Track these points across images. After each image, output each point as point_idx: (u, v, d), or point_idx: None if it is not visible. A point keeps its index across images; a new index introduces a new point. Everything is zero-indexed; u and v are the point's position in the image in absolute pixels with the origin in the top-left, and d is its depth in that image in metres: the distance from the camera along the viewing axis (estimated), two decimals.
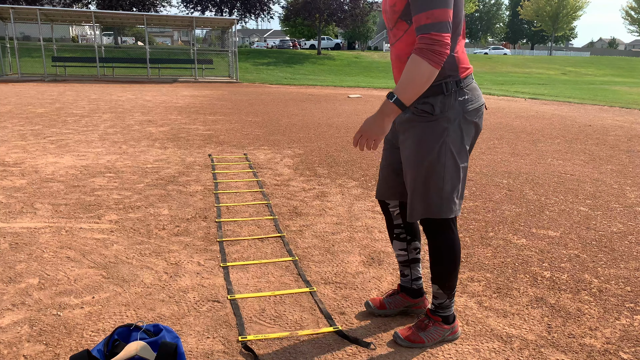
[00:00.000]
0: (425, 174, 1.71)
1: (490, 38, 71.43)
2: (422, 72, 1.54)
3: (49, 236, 2.90)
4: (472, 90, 1.71)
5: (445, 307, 1.90)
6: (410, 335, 1.89)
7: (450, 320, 1.92)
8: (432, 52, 1.52)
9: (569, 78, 29.24)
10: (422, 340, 1.88)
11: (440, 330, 1.90)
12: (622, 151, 6.21)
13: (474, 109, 1.71)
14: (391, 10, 1.67)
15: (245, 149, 5.81)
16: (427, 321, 1.91)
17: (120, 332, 1.59)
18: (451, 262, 1.82)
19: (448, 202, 1.74)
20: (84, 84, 16.11)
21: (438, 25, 1.51)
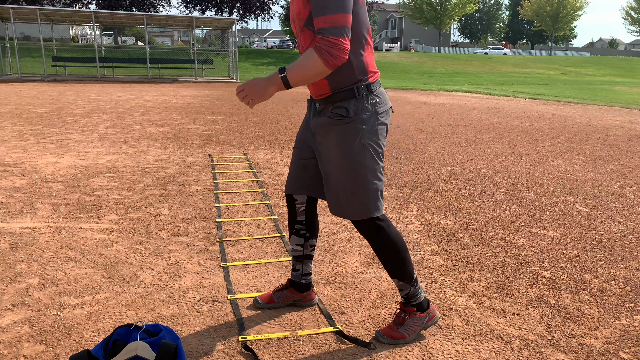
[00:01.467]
0: (350, 176, 1.76)
1: (490, 38, 71.42)
2: (315, 68, 1.60)
3: (49, 236, 2.90)
4: (381, 94, 1.79)
5: (413, 295, 1.92)
6: (390, 332, 1.92)
7: (425, 307, 1.94)
8: (330, 54, 1.58)
9: (569, 78, 29.24)
10: (403, 336, 1.90)
11: (417, 320, 1.93)
12: (622, 151, 6.21)
13: (384, 111, 1.79)
14: (297, 18, 1.72)
15: (245, 149, 5.81)
16: (403, 315, 1.93)
17: (120, 332, 1.59)
18: (398, 253, 1.86)
19: (375, 201, 1.80)
20: (84, 84, 16.11)
21: (336, 30, 1.56)
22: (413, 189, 4.17)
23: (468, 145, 6.39)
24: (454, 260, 2.70)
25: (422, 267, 2.61)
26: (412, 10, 50.57)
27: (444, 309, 2.17)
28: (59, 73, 19.87)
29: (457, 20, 52.57)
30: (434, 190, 4.16)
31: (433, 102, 12.52)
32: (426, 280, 2.45)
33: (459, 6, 49.06)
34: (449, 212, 3.57)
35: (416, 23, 52.49)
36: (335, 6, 1.55)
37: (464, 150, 5.99)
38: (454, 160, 5.42)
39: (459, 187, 4.26)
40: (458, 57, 39.90)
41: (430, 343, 1.91)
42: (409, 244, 2.93)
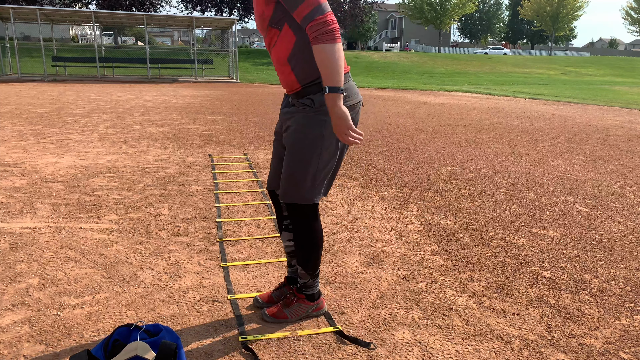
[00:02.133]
0: (301, 160, 1.81)
1: (490, 38, 71.39)
2: (330, 54, 1.62)
3: (49, 236, 2.90)
4: (350, 88, 1.80)
5: (309, 286, 2.04)
6: (276, 312, 2.04)
7: (315, 297, 2.06)
8: (325, 33, 1.61)
9: (569, 78, 29.24)
10: (285, 316, 2.03)
11: (304, 307, 2.05)
12: (622, 151, 6.21)
13: (351, 105, 1.80)
14: (260, 19, 1.77)
15: (245, 149, 5.81)
16: (292, 298, 2.05)
17: (120, 332, 1.59)
18: (313, 246, 1.95)
19: (317, 189, 1.87)
20: (84, 84, 16.11)
21: (318, 9, 1.61)
22: (413, 189, 4.17)
23: (468, 145, 6.39)
24: (454, 260, 2.70)
25: (422, 267, 2.61)
26: (412, 10, 50.56)
27: (444, 309, 2.17)
28: (59, 73, 19.87)
29: (457, 20, 52.56)
30: (434, 190, 4.16)
31: (433, 102, 12.51)
32: (426, 280, 2.45)
33: (459, 6, 49.05)
34: (449, 212, 3.57)
35: (416, 23, 52.49)
36: None
37: (464, 150, 5.99)
38: (454, 160, 5.42)
39: (459, 187, 4.26)
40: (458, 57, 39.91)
41: (430, 343, 1.91)
42: (409, 244, 2.94)
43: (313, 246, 1.95)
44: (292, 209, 1.91)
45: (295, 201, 1.87)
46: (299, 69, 1.75)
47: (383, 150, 5.86)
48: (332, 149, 1.83)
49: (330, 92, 1.65)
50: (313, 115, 1.78)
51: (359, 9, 37.06)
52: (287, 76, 1.79)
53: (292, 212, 1.91)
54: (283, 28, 1.73)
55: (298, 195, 1.86)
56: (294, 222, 1.93)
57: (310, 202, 1.87)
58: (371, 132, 7.24)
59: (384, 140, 6.60)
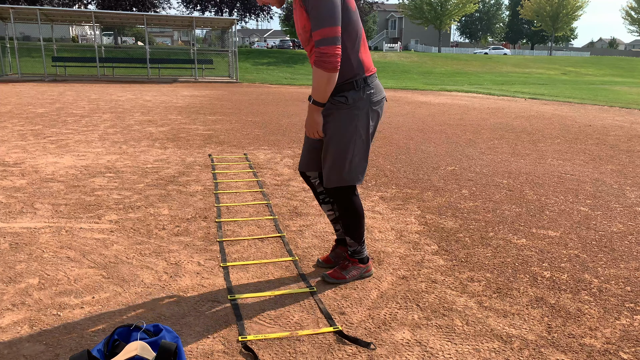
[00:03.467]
0: (341, 150, 2.16)
1: (490, 38, 71.39)
2: (322, 78, 1.98)
3: (49, 236, 2.90)
4: (375, 87, 2.18)
5: (359, 252, 2.39)
6: (334, 273, 2.38)
7: (365, 261, 2.43)
8: (324, 62, 1.94)
9: (569, 78, 29.24)
10: (343, 277, 2.37)
11: (357, 269, 2.40)
12: (622, 151, 6.21)
13: (377, 100, 2.18)
14: (303, 31, 2.07)
15: (245, 149, 5.81)
16: (347, 263, 2.41)
17: (120, 332, 1.59)
18: (357, 218, 2.30)
19: (356, 173, 2.22)
20: (84, 84, 16.11)
21: (326, 41, 1.92)
22: (413, 189, 4.17)
23: (468, 145, 6.39)
24: (454, 260, 2.70)
25: (422, 267, 2.61)
26: (412, 10, 50.55)
27: (444, 309, 2.17)
28: (59, 73, 19.87)
29: (457, 20, 52.55)
30: (434, 190, 4.16)
31: (433, 102, 12.52)
32: (426, 280, 2.45)
33: (459, 6, 49.04)
34: (449, 212, 3.57)
35: (416, 23, 52.48)
36: (325, 21, 1.90)
37: (464, 150, 5.99)
38: (454, 160, 5.42)
39: (459, 187, 4.26)
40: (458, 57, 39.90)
41: (430, 343, 1.91)
42: (409, 244, 2.94)
43: (357, 219, 2.30)
44: (336, 191, 2.24)
45: (338, 184, 2.20)
46: None
47: (383, 150, 5.86)
48: (364, 138, 2.18)
49: (314, 103, 2.05)
50: (348, 110, 2.13)
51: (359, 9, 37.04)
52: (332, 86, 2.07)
53: (337, 193, 2.24)
54: None
55: (341, 180, 2.20)
56: (339, 201, 2.26)
57: (351, 183, 2.21)
58: None
59: (384, 140, 6.60)
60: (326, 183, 2.23)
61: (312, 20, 1.93)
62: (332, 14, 1.90)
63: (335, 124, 2.14)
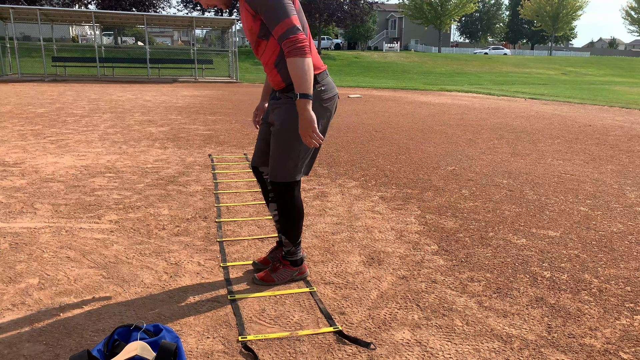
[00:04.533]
0: (287, 144, 2.14)
1: (490, 38, 71.36)
2: (300, 66, 1.95)
3: (49, 236, 2.90)
4: (327, 83, 2.18)
5: (293, 253, 2.36)
6: (264, 276, 2.36)
7: (298, 264, 2.39)
8: (296, 49, 1.94)
9: (569, 78, 29.24)
10: (272, 280, 2.35)
11: (288, 271, 2.37)
12: (622, 151, 6.21)
13: (327, 97, 2.17)
14: (250, 32, 2.10)
15: (245, 149, 5.81)
16: (278, 264, 2.37)
17: (120, 332, 1.59)
18: (294, 217, 2.27)
19: (298, 169, 2.20)
20: (84, 84, 16.11)
21: (290, 31, 1.94)
22: (413, 189, 4.17)
23: (468, 145, 6.39)
24: (454, 260, 2.70)
25: (422, 267, 2.61)
26: (412, 10, 50.54)
27: (444, 309, 2.17)
28: (59, 73, 19.87)
29: (457, 20, 52.54)
30: (434, 190, 4.16)
31: (433, 102, 12.52)
32: (426, 280, 2.45)
33: (459, 6, 49.03)
34: (449, 212, 3.57)
35: (416, 23, 52.47)
36: (282, 14, 1.94)
37: (464, 150, 5.99)
38: (454, 160, 5.42)
39: (459, 187, 4.26)
40: (458, 57, 39.91)
41: (430, 343, 1.91)
42: (409, 244, 2.94)
43: (295, 218, 2.27)
44: (277, 185, 2.21)
45: (281, 179, 2.19)
46: (284, 71, 2.10)
47: (383, 150, 5.86)
48: None
49: (301, 98, 1.97)
50: (294, 106, 2.10)
51: (359, 9, 37.04)
52: (274, 77, 2.14)
53: (277, 188, 2.22)
54: (270, 39, 2.07)
55: (283, 174, 2.18)
56: (278, 197, 2.24)
57: (293, 179, 2.20)
58: (371, 132, 7.24)
59: (384, 140, 6.60)
60: (270, 177, 2.22)
61: (268, 18, 1.96)
62: (284, 6, 1.95)
63: (283, 118, 2.14)
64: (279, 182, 2.20)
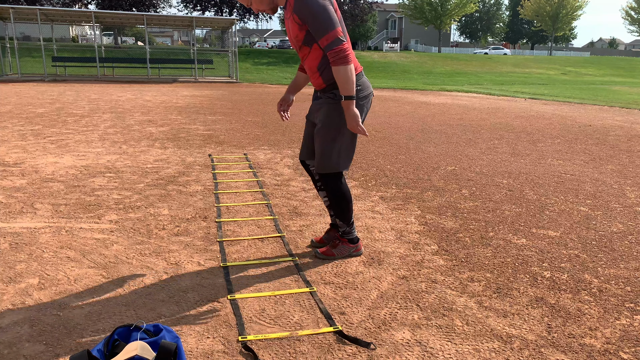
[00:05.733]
0: (330, 140, 2.41)
1: (490, 38, 71.34)
2: (344, 73, 2.23)
3: (49, 236, 2.90)
4: (362, 83, 2.42)
5: (348, 232, 2.65)
6: (325, 250, 2.66)
7: (355, 241, 2.68)
8: (340, 58, 2.20)
9: (569, 78, 29.24)
10: (333, 254, 2.65)
11: (347, 248, 2.67)
12: (622, 151, 6.21)
13: (364, 96, 2.43)
14: (295, 39, 2.35)
15: (245, 149, 5.81)
16: (338, 242, 2.67)
17: (120, 332, 1.59)
18: (347, 203, 2.56)
19: (344, 161, 2.47)
20: (84, 84, 16.11)
21: (334, 42, 2.20)
22: (413, 189, 4.17)
23: (468, 145, 6.39)
24: (454, 260, 2.70)
25: (422, 267, 2.61)
26: (412, 10, 50.53)
27: (444, 309, 2.17)
28: (59, 73, 19.87)
29: (457, 20, 52.53)
30: (434, 190, 4.16)
31: (433, 102, 12.52)
32: (426, 280, 2.45)
33: (459, 6, 49.03)
34: (449, 212, 3.57)
35: (416, 23, 52.46)
36: (328, 27, 2.18)
37: (464, 150, 5.99)
38: (454, 160, 5.42)
39: (459, 187, 4.26)
40: (458, 57, 39.90)
41: (430, 343, 1.91)
42: (409, 244, 2.94)
43: (344, 202, 2.55)
44: (325, 177, 2.49)
45: (327, 171, 2.46)
46: (325, 74, 2.36)
47: (383, 150, 5.86)
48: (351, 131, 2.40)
49: (346, 100, 2.27)
50: (336, 105, 2.38)
51: (359, 9, 37.03)
52: (317, 79, 2.40)
53: (326, 179, 2.50)
54: (313, 46, 2.31)
55: (329, 166, 2.45)
56: (327, 186, 2.52)
57: (337, 170, 2.47)
58: (371, 132, 7.24)
59: (384, 140, 6.60)
60: (317, 169, 2.49)
61: (315, 30, 2.20)
62: (330, 19, 2.18)
63: (325, 117, 2.41)
64: (325, 174, 2.48)
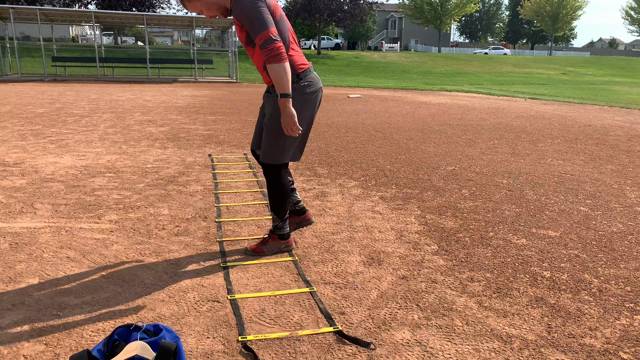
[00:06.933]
0: (273, 131, 2.46)
1: (490, 38, 71.35)
2: (277, 71, 2.27)
3: (49, 236, 2.90)
4: (310, 80, 2.49)
5: (280, 227, 2.68)
6: (255, 247, 2.70)
7: (285, 237, 2.72)
8: (272, 56, 2.25)
9: (569, 78, 29.24)
10: (262, 251, 2.68)
11: (277, 244, 2.70)
12: (622, 151, 6.21)
13: (310, 91, 2.49)
14: (241, 40, 2.44)
15: (245, 149, 5.81)
16: (268, 238, 2.71)
17: (120, 332, 1.59)
18: (280, 194, 2.59)
19: (283, 153, 2.51)
20: (84, 84, 16.11)
21: (267, 41, 2.25)
22: (413, 189, 4.17)
23: (468, 145, 6.39)
24: (454, 260, 2.70)
25: (422, 267, 2.61)
26: (412, 10, 50.52)
27: (444, 309, 2.17)
28: (59, 73, 19.87)
29: (457, 20, 52.53)
30: (434, 190, 4.16)
31: (433, 102, 12.52)
32: (426, 280, 2.45)
33: (459, 6, 49.03)
34: (449, 212, 3.57)
35: (416, 23, 52.46)
36: (261, 26, 2.24)
37: (464, 150, 5.99)
38: (454, 160, 5.42)
39: (459, 187, 4.26)
40: (458, 57, 39.90)
41: (430, 343, 1.91)
42: (409, 244, 2.94)
43: (282, 196, 2.59)
44: (266, 167, 2.56)
45: (269, 162, 2.51)
46: None
47: (383, 150, 5.86)
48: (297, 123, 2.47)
49: (281, 97, 2.29)
50: None
51: (359, 9, 37.04)
52: (265, 77, 2.48)
53: (267, 169, 2.56)
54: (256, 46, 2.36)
55: (271, 157, 2.50)
56: (267, 177, 2.58)
57: (280, 162, 2.52)
58: (371, 132, 7.24)
59: (384, 140, 6.60)
60: (261, 158, 2.57)
61: (250, 30, 2.27)
62: (262, 20, 2.25)
63: (272, 111, 2.47)
64: (267, 164, 2.54)
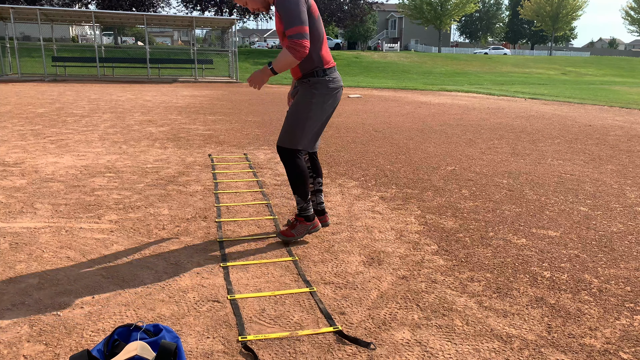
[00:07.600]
0: (295, 117, 2.67)
1: (490, 38, 71.35)
2: (287, 59, 2.50)
3: (49, 236, 2.90)
4: (333, 76, 2.71)
5: (305, 209, 2.82)
6: (285, 231, 2.86)
7: (311, 219, 2.85)
8: (294, 49, 2.47)
9: (569, 78, 29.23)
10: (292, 234, 2.84)
11: (304, 226, 2.85)
12: (622, 151, 6.21)
13: (333, 87, 2.71)
14: (280, 32, 2.59)
15: (245, 149, 5.81)
16: (295, 221, 2.85)
17: (120, 332, 1.59)
18: (297, 176, 2.73)
19: (301, 139, 2.69)
20: (84, 84, 16.11)
21: (298, 35, 2.46)
22: (413, 189, 4.17)
23: (468, 145, 6.39)
24: (454, 260, 2.70)
25: (422, 267, 2.61)
26: (412, 10, 50.53)
27: (444, 309, 2.17)
28: (59, 73, 19.86)
29: (457, 20, 52.53)
30: (434, 190, 4.16)
31: (433, 102, 12.52)
32: (426, 280, 2.45)
33: (459, 6, 49.02)
34: (449, 212, 3.57)
35: (416, 23, 52.45)
36: (296, 20, 2.46)
37: (464, 150, 5.99)
38: (454, 160, 5.42)
39: (459, 187, 4.26)
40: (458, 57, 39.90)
41: (430, 343, 1.91)
42: (409, 244, 2.94)
43: (303, 179, 2.73)
44: (282, 151, 2.71)
45: (286, 145, 2.68)
46: (302, 64, 2.66)
47: (383, 150, 5.86)
48: (317, 113, 2.69)
49: (270, 68, 2.52)
50: (308, 88, 2.67)
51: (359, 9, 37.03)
52: (295, 69, 2.68)
53: (282, 153, 2.71)
54: None
55: (288, 141, 2.68)
56: (283, 161, 2.72)
57: (294, 147, 2.68)
58: (371, 132, 7.24)
59: (384, 140, 6.60)
60: (278, 141, 2.71)
61: (285, 21, 2.45)
62: (299, 16, 2.45)
63: (297, 99, 2.69)
64: (283, 148, 2.69)
